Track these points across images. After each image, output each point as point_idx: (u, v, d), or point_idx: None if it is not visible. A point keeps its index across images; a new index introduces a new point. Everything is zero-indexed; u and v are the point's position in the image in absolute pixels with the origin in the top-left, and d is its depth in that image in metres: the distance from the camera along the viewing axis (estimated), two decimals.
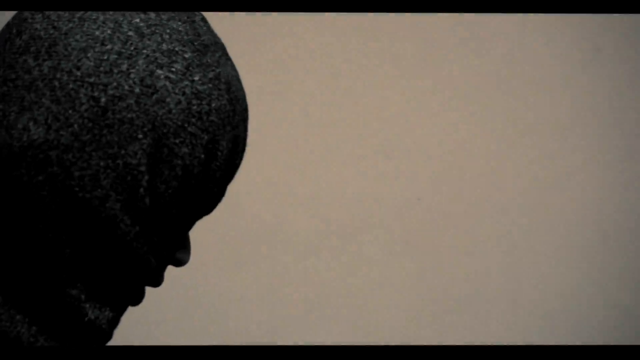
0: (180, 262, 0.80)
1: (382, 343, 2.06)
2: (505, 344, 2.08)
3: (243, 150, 0.79)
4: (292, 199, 2.05)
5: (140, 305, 2.14)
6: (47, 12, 0.71)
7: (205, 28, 0.76)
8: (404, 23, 2.05)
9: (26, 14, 0.72)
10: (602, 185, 2.10)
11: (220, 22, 2.00)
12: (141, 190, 0.70)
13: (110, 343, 2.03)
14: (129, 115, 0.69)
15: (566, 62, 2.08)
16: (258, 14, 2.02)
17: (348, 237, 2.07)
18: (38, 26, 0.71)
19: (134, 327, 2.04)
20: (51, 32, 0.70)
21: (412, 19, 2.05)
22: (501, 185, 2.08)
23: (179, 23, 0.73)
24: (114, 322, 0.75)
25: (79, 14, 0.71)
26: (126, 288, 0.74)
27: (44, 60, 0.69)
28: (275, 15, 2.03)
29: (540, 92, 2.08)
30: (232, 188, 2.02)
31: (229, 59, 0.77)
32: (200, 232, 2.01)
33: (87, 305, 0.72)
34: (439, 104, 2.07)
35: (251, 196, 2.05)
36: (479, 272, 2.09)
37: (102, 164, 0.69)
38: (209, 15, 1.99)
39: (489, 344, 2.08)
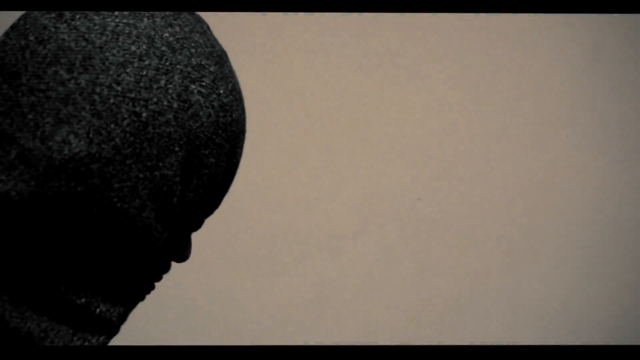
0: (183, 259, 0.84)
1: (382, 343, 2.06)
2: (505, 344, 2.08)
3: None
4: (291, 199, 2.06)
5: (141, 305, 2.14)
6: (71, 23, 0.72)
7: (213, 37, 0.78)
8: (404, 23, 2.05)
9: (43, 20, 0.72)
10: (602, 185, 2.10)
11: (221, 22, 2.00)
12: (175, 199, 0.73)
13: (110, 343, 2.02)
14: (168, 130, 0.71)
15: (566, 62, 2.08)
16: (258, 14, 2.02)
17: (348, 237, 2.07)
18: (66, 37, 0.71)
19: (134, 327, 2.04)
20: (83, 44, 0.71)
21: (412, 19, 2.05)
22: (501, 185, 2.08)
23: (198, 35, 0.76)
24: (124, 317, 0.77)
25: (109, 27, 0.72)
26: (139, 285, 0.77)
27: (80, 73, 0.70)
28: (275, 15, 2.03)
29: (540, 92, 2.08)
30: (232, 188, 2.02)
31: (231, 65, 0.80)
32: (201, 233, 2.01)
33: (100, 298, 0.73)
34: (439, 104, 2.07)
35: (250, 196, 2.05)
36: (479, 272, 2.09)
37: (141, 175, 0.71)
38: (209, 15, 1.98)
39: (489, 344, 2.08)
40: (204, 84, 0.73)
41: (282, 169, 2.06)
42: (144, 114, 0.70)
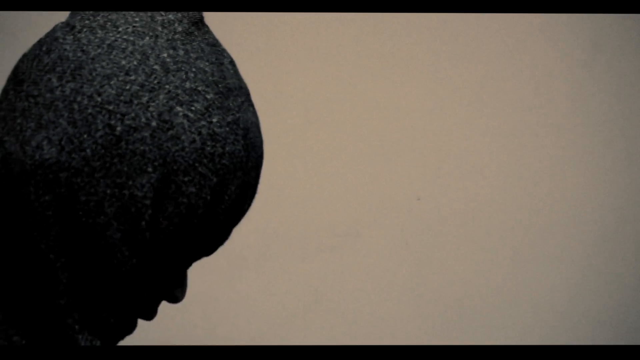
0: (175, 299, 0.80)
1: (382, 343, 2.06)
2: (505, 344, 2.08)
3: (252, 196, 0.79)
4: (291, 199, 2.05)
5: None
6: (77, 35, 0.72)
7: (232, 71, 0.75)
8: (404, 23, 2.05)
9: (58, 33, 0.73)
10: (602, 185, 2.10)
11: (222, 22, 1.99)
12: (143, 223, 0.70)
13: None
14: (142, 148, 0.69)
15: (566, 61, 2.08)
16: (258, 14, 2.02)
17: (348, 237, 2.07)
18: (67, 47, 0.71)
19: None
20: (79, 54, 0.71)
21: (412, 19, 2.05)
22: (501, 185, 2.08)
23: (207, 63, 0.73)
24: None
25: (108, 40, 0.71)
26: (119, 320, 0.74)
27: (68, 81, 0.70)
28: (275, 15, 2.03)
29: (540, 92, 2.08)
30: None
31: (251, 104, 0.77)
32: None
33: (80, 337, 0.72)
34: (439, 104, 2.07)
35: None
36: (478, 272, 2.09)
37: (108, 191, 0.69)
38: (210, 15, 1.98)
39: (489, 344, 2.08)
40: (193, 108, 0.71)
41: (282, 169, 2.05)
42: (119, 128, 0.69)
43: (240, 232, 2.05)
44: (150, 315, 0.77)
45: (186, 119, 0.71)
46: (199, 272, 2.04)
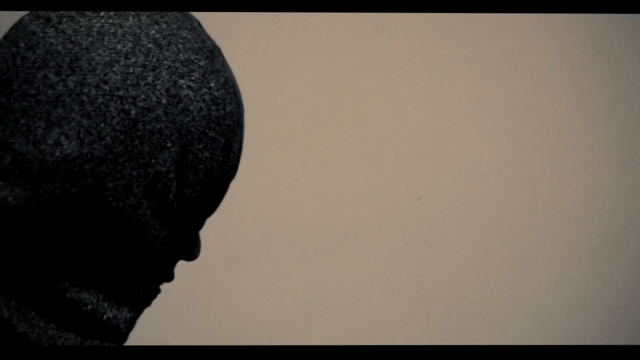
0: (192, 257, 0.86)
1: (382, 343, 2.06)
2: (505, 344, 2.08)
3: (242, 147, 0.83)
4: (292, 199, 2.05)
5: None
6: (59, 27, 0.73)
7: (204, 33, 0.79)
8: (404, 23, 2.05)
9: (32, 27, 0.74)
10: (602, 185, 2.10)
11: (222, 22, 2.00)
12: (170, 196, 0.74)
13: None
14: (158, 126, 0.72)
15: (566, 61, 2.08)
16: (258, 14, 2.02)
17: (348, 237, 2.07)
18: (53, 41, 0.72)
19: (135, 327, 2.03)
20: (70, 46, 0.72)
21: (412, 19, 2.05)
22: (501, 185, 2.08)
23: (186, 31, 0.76)
24: (131, 324, 0.78)
25: (95, 27, 0.72)
26: (144, 287, 0.77)
27: (68, 75, 0.71)
28: (275, 15, 2.03)
29: (540, 92, 2.08)
30: (233, 188, 2.02)
31: (225, 60, 0.81)
32: (201, 232, 2.01)
33: (106, 304, 0.74)
34: (439, 104, 2.07)
35: (251, 196, 2.05)
36: (479, 272, 2.09)
37: (134, 173, 0.71)
38: (209, 15, 1.98)
39: (489, 344, 2.08)
40: (193, 78, 0.74)
41: (282, 169, 2.06)
42: (133, 111, 0.71)
43: (241, 232, 2.06)
44: (170, 277, 0.81)
45: (190, 90, 0.74)
46: (199, 272, 2.04)
